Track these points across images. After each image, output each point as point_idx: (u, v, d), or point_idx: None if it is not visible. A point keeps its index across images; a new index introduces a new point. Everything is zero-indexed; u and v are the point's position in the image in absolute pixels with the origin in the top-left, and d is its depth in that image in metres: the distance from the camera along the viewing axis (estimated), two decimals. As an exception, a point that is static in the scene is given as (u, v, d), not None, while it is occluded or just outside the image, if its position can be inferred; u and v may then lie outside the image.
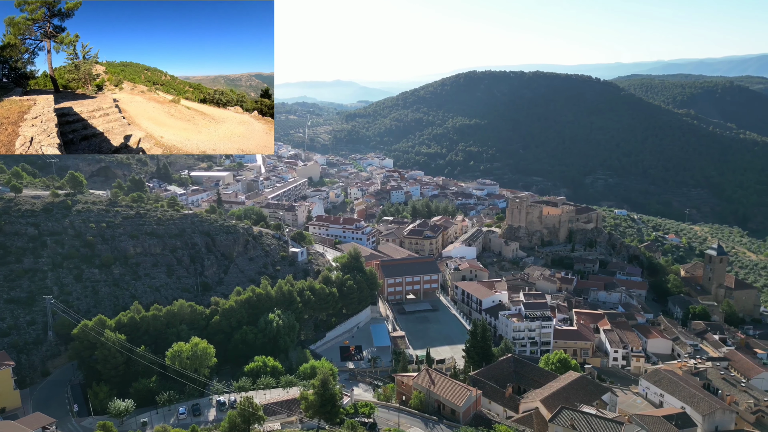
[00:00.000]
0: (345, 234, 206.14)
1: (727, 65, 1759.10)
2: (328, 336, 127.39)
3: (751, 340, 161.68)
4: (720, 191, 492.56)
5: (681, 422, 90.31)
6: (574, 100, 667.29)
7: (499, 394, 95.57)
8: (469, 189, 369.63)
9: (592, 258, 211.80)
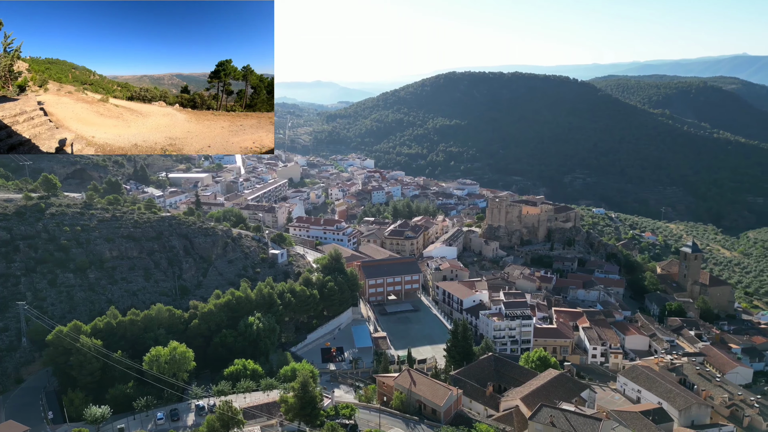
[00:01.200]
0: (326, 235, 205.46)
1: (701, 66, 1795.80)
2: (309, 338, 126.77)
3: (725, 336, 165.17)
4: (695, 190, 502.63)
5: (658, 417, 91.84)
6: (553, 100, 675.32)
7: (479, 393, 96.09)
8: (450, 189, 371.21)
9: (571, 256, 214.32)
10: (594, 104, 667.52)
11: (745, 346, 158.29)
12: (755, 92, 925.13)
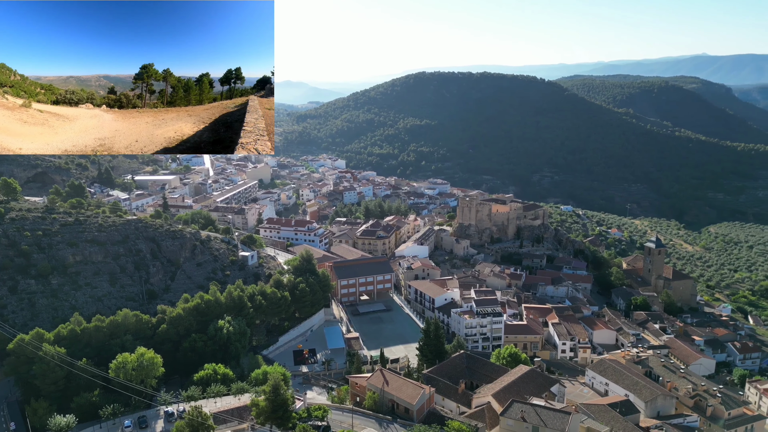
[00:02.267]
0: (297, 236, 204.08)
1: (663, 66, 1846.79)
2: (281, 340, 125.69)
3: (689, 328, 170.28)
4: (658, 186, 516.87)
5: (625, 409, 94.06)
6: (521, 100, 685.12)
7: (452, 390, 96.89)
8: (421, 189, 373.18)
9: (540, 253, 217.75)
10: (561, 104, 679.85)
11: (707, 338, 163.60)
12: (714, 91, 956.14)
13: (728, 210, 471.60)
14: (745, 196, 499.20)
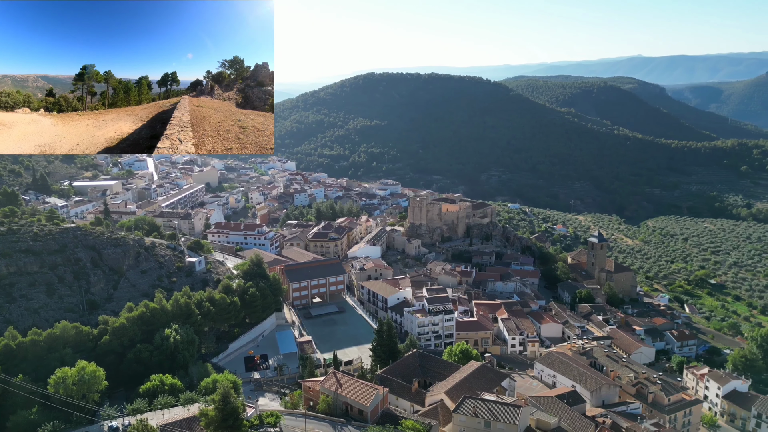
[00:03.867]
0: (246, 240, 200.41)
1: (602, 67, 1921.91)
2: (232, 347, 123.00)
3: (630, 319, 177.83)
4: (599, 183, 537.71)
5: (572, 400, 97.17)
6: (468, 100, 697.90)
7: (405, 389, 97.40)
8: (373, 189, 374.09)
9: (489, 251, 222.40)
10: (506, 104, 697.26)
11: (647, 328, 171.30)
12: (649, 91, 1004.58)
13: (664, 204, 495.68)
14: (680, 191, 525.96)
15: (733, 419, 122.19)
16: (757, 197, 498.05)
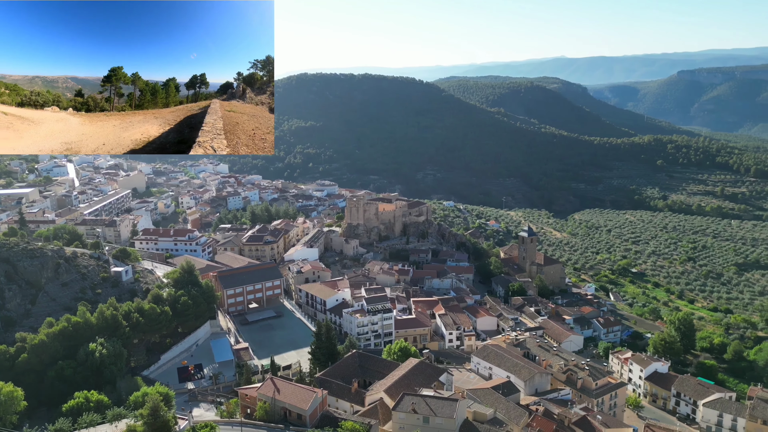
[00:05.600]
0: (177, 246, 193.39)
1: (528, 67, 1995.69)
2: (163, 358, 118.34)
3: (560, 309, 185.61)
4: (529, 179, 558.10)
5: (506, 390, 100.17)
6: (402, 101, 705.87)
7: (345, 391, 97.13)
8: (309, 191, 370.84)
9: (425, 248, 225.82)
10: (439, 104, 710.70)
11: (575, 317, 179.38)
12: (573, 90, 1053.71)
13: (589, 198, 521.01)
14: (603, 185, 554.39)
15: (655, 399, 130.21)
16: (672, 189, 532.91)
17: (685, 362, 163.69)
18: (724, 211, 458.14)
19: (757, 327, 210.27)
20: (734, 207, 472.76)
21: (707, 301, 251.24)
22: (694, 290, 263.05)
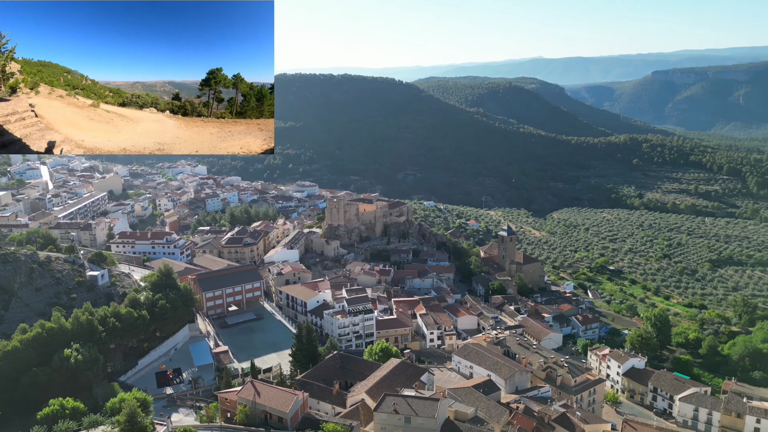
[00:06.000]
0: (155, 250, 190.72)
1: (507, 68, 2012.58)
2: (141, 363, 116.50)
3: (539, 307, 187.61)
4: (508, 179, 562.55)
5: (487, 389, 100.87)
6: (382, 101, 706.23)
7: (326, 392, 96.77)
8: (289, 192, 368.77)
9: (406, 248, 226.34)
10: (419, 104, 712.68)
11: (555, 314, 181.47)
12: (550, 90, 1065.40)
13: (567, 197, 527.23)
14: (580, 184, 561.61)
15: (633, 395, 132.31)
16: (647, 188, 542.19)
17: (661, 358, 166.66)
18: (698, 209, 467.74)
19: (731, 322, 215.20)
20: (708, 205, 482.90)
21: (682, 297, 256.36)
22: (670, 287, 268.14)
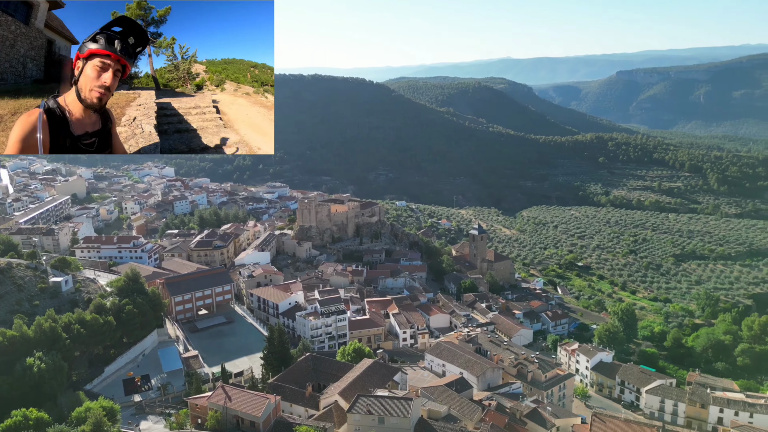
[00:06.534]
0: (121, 254, 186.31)
1: (475, 68, 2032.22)
2: (108, 371, 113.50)
3: (510, 304, 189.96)
4: (478, 178, 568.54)
5: (460, 387, 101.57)
6: (352, 101, 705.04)
7: (299, 395, 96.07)
8: (260, 193, 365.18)
9: (379, 248, 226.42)
10: (389, 104, 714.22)
11: (525, 311, 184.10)
12: (519, 90, 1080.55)
13: (536, 195, 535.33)
14: (549, 182, 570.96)
15: (601, 388, 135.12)
16: (614, 185, 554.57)
17: (628, 351, 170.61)
18: (662, 205, 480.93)
19: (695, 315, 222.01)
20: (671, 201, 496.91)
21: (648, 291, 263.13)
22: (636, 281, 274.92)
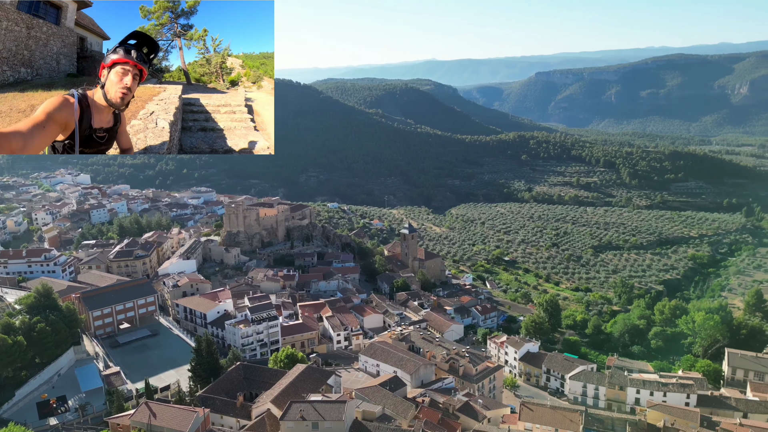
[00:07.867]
0: (32, 269, 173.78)
1: (402, 70, 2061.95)
2: (19, 394, 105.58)
3: (441, 300, 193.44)
4: (408, 178, 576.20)
5: (393, 385, 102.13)
6: (280, 103, 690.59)
7: (230, 406, 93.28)
8: (184, 199, 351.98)
9: (311, 252, 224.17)
10: (318, 106, 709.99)
11: (456, 306, 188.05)
12: (444, 92, 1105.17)
13: (464, 193, 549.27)
14: (475, 180, 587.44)
15: (529, 378, 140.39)
16: (536, 182, 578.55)
17: (553, 340, 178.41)
18: (580, 200, 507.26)
19: (612, 302, 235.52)
20: (588, 195, 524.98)
21: (570, 282, 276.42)
22: (559, 273, 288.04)
